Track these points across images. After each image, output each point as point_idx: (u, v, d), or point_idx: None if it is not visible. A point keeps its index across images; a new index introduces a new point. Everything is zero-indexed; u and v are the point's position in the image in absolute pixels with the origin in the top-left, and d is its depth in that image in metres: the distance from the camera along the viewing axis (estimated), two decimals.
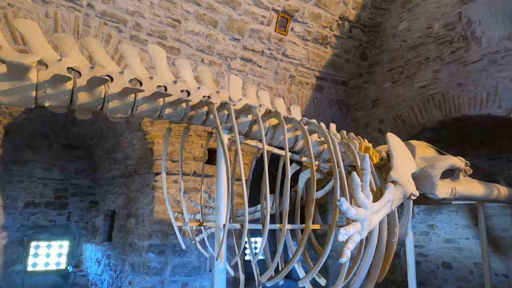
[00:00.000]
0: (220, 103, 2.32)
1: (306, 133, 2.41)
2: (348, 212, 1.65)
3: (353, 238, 1.80)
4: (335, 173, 2.36)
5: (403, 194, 2.49)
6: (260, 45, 5.07)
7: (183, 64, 2.50)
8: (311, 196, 2.25)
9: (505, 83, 4.24)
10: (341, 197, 1.81)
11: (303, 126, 2.46)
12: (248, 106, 2.39)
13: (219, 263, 2.34)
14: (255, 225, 2.28)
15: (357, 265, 2.46)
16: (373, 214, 2.10)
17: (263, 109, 2.57)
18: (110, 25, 4.03)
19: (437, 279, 6.12)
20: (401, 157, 2.82)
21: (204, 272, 4.63)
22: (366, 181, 1.88)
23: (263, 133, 2.24)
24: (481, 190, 3.49)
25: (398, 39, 5.68)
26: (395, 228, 2.69)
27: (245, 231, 2.06)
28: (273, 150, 2.78)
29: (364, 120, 6.12)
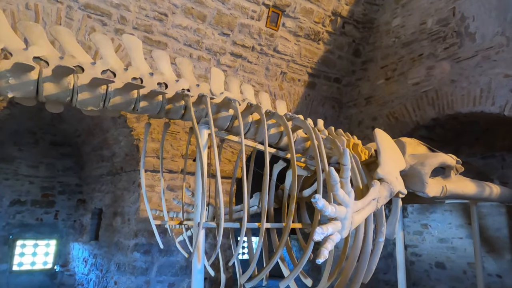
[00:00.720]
0: (197, 96, 2.22)
1: (288, 127, 2.32)
2: (325, 210, 1.55)
3: (332, 238, 1.71)
4: (318, 170, 2.26)
5: (389, 192, 2.40)
6: (251, 40, 4.97)
7: (161, 56, 2.40)
8: (292, 193, 2.15)
9: (498, 79, 4.16)
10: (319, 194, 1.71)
11: (285, 121, 2.36)
12: (228, 100, 2.29)
13: (196, 263, 2.24)
14: (232, 224, 2.18)
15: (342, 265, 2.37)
16: (356, 213, 2.00)
17: (245, 103, 2.47)
18: (94, 18, 3.91)
19: (431, 279, 6.04)
20: (389, 154, 2.73)
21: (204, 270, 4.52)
22: (347, 178, 1.78)
23: (242, 128, 2.14)
24: (472, 188, 3.41)
25: (392, 35, 5.58)
26: (382, 227, 2.60)
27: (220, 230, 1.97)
28: (257, 146, 2.68)
29: (357, 117, 6.03)
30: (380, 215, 2.62)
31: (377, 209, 2.30)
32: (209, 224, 2.06)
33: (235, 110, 2.22)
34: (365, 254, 2.47)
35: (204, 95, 2.15)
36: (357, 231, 2.40)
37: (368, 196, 2.15)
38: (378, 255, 2.58)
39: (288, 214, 2.09)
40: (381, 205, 2.34)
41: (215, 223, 2.07)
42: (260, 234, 2.03)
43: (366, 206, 2.17)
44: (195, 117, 2.38)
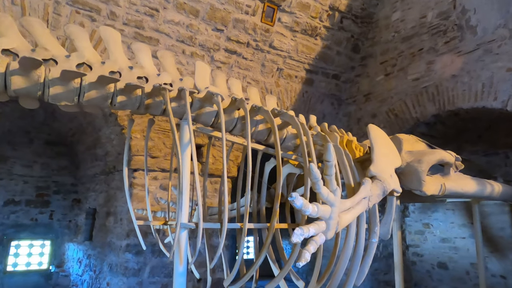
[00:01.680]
0: (177, 89, 2.12)
1: (273, 122, 2.21)
2: (305, 209, 1.44)
3: (316, 239, 1.60)
4: (305, 167, 2.15)
5: (382, 190, 2.27)
6: (245, 36, 4.86)
7: (141, 49, 2.30)
8: (277, 192, 2.04)
9: (501, 73, 4.01)
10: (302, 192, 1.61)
11: (270, 116, 2.25)
12: (210, 94, 2.18)
13: (178, 265, 2.14)
14: (212, 224, 2.08)
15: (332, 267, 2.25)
16: (344, 212, 1.88)
17: (229, 98, 2.36)
18: (82, 13, 3.83)
19: (433, 279, 5.89)
20: (383, 150, 2.61)
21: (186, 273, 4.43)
22: (331, 175, 1.67)
23: (223, 122, 2.03)
24: (473, 186, 3.27)
25: (391, 30, 5.44)
26: (375, 227, 2.48)
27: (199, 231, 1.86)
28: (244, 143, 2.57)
29: (356, 115, 5.90)
30: (374, 215, 2.50)
31: (368, 208, 2.18)
32: (187, 224, 1.96)
33: (217, 104, 2.11)
34: (357, 255, 2.35)
35: (183, 88, 2.04)
36: (348, 231, 2.28)
37: (358, 194, 2.04)
38: (371, 256, 2.46)
39: (273, 214, 1.98)
40: (373, 204, 2.22)
41: (193, 223, 1.97)
42: (242, 235, 1.92)
43: (356, 205, 2.05)
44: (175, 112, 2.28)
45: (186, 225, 1.97)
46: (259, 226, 2.10)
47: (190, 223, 2.00)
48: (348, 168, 2.41)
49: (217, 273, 4.66)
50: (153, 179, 4.37)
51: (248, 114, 2.12)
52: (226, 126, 2.51)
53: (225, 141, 2.20)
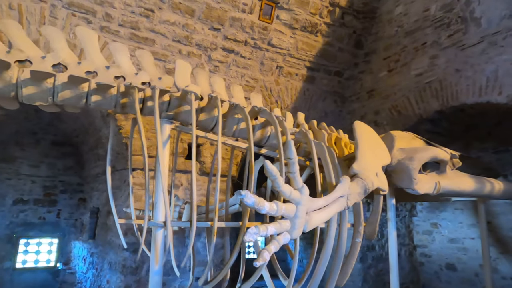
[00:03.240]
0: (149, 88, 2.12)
1: (248, 119, 2.18)
2: (259, 207, 1.40)
3: (279, 239, 1.55)
4: (281, 165, 2.11)
5: (363, 188, 2.20)
6: (243, 34, 4.83)
7: (118, 48, 2.30)
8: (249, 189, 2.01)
9: (506, 67, 3.83)
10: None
11: (245, 113, 2.22)
12: (184, 92, 2.17)
13: (153, 264, 2.14)
14: (182, 223, 2.06)
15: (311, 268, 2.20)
16: (316, 211, 1.83)
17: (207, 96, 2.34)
18: (78, 16, 3.89)
19: (441, 281, 5.71)
20: (369, 147, 2.53)
21: (184, 271, 4.46)
22: (294, 172, 1.62)
23: (194, 120, 2.01)
24: (470, 185, 3.13)
25: (394, 24, 5.30)
26: (359, 227, 2.41)
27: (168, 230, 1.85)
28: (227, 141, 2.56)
29: (359, 112, 5.78)
30: (358, 214, 2.43)
31: (347, 207, 2.12)
32: (155, 223, 1.95)
33: (189, 103, 2.10)
34: (339, 256, 2.29)
35: (154, 87, 2.04)
36: (328, 231, 2.22)
37: (333, 193, 1.98)
38: (355, 256, 2.39)
39: (243, 212, 1.95)
40: (353, 203, 2.16)
41: (162, 222, 1.96)
42: (212, 235, 1.90)
43: (332, 203, 1.99)
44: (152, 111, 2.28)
45: (154, 224, 1.96)
46: (230, 225, 2.07)
47: (160, 222, 2.00)
48: (330, 166, 2.35)
49: (215, 272, 4.66)
50: (151, 178, 4.41)
51: (220, 112, 2.10)
52: (206, 125, 2.50)
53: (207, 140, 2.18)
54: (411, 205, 6.19)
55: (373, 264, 5.56)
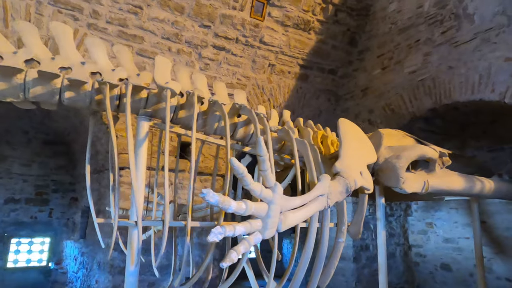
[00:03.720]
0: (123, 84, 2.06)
1: (225, 115, 2.13)
2: (224, 206, 1.35)
3: (250, 239, 1.50)
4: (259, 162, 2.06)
5: (345, 187, 2.14)
6: (234, 32, 4.78)
7: (95, 44, 2.25)
8: (224, 188, 1.96)
9: (498, 64, 3.77)
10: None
11: (223, 109, 2.17)
12: (161, 88, 2.12)
13: (129, 264, 2.09)
14: (154, 222, 2.01)
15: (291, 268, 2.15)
16: (292, 211, 1.78)
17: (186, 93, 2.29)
18: (64, 13, 3.85)
19: (436, 281, 5.65)
20: (354, 145, 2.47)
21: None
22: (265, 170, 1.56)
23: (168, 117, 1.96)
24: (460, 183, 3.07)
25: (388, 21, 5.24)
26: (342, 227, 2.35)
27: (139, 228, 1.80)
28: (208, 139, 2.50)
29: (354, 110, 5.72)
30: (341, 213, 2.38)
31: (328, 206, 2.06)
32: (126, 222, 1.90)
33: (164, 99, 2.05)
34: (320, 256, 2.24)
35: (126, 82, 1.99)
36: (309, 231, 2.17)
37: (311, 192, 1.92)
38: (337, 257, 2.34)
39: (219, 212, 1.90)
40: (334, 202, 2.10)
41: (133, 222, 1.91)
42: (187, 234, 1.85)
43: (311, 203, 1.94)
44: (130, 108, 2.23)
45: (124, 223, 1.91)
46: (205, 224, 2.02)
47: (131, 221, 1.95)
48: (312, 164, 2.30)
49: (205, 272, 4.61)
50: None
51: (197, 109, 2.05)
52: (187, 122, 2.45)
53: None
54: (406, 204, 6.13)
55: (367, 264, 5.50)
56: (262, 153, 1.52)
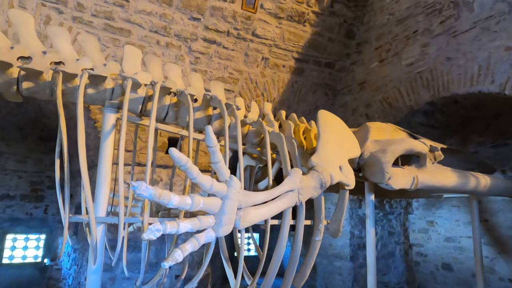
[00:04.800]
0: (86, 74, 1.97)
1: (191, 108, 2.01)
2: (164, 201, 1.23)
3: (201, 237, 1.39)
4: (225, 155, 1.94)
5: (319, 182, 2.01)
6: (225, 24, 4.66)
7: (58, 33, 2.16)
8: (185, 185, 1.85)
9: (498, 53, 3.57)
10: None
11: (189, 100, 2.05)
12: (122, 78, 2.02)
13: (90, 262, 2.01)
14: (110, 218, 1.92)
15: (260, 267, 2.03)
16: (255, 207, 1.66)
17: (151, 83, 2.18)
18: (48, 6, 3.78)
19: (437, 282, 5.45)
20: (333, 139, 2.33)
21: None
22: (216, 162, 1.44)
23: (125, 107, 1.86)
24: (452, 179, 2.90)
25: (386, 12, 5.04)
26: (319, 224, 2.22)
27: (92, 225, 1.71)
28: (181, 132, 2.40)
29: (351, 105, 5.55)
30: (318, 210, 2.25)
31: (299, 202, 1.93)
32: (80, 218, 1.81)
33: (124, 89, 1.95)
34: (294, 255, 2.11)
35: (85, 71, 1.89)
36: (281, 229, 2.04)
37: (279, 187, 1.80)
38: (314, 256, 2.21)
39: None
40: (307, 198, 1.97)
41: (87, 217, 1.82)
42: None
43: (279, 199, 1.81)
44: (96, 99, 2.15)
45: (77, 219, 1.82)
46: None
47: (84, 216, 1.86)
48: (287, 158, 2.17)
49: (194, 270, 4.53)
50: (128, 173, 4.29)
51: (157, 99, 1.94)
52: (157, 114, 2.35)
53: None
54: (406, 202, 5.94)
55: (364, 263, 5.34)
56: (211, 143, 1.40)
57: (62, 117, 1.77)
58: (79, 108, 1.77)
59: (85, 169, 1.75)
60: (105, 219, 1.84)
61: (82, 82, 1.82)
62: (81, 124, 1.76)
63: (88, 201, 1.72)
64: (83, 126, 1.78)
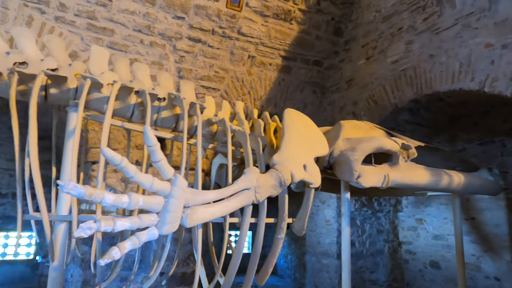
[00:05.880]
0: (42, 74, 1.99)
1: (149, 106, 2.03)
2: (96, 199, 1.25)
3: (142, 235, 1.41)
4: (183, 150, 1.96)
5: (278, 181, 2.02)
6: (209, 23, 4.67)
7: (22, 34, 2.19)
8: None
9: (479, 50, 3.54)
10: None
11: (147, 98, 2.07)
12: (83, 77, 2.04)
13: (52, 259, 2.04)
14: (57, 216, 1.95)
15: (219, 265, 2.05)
16: (205, 206, 1.68)
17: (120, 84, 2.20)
18: (31, 6, 3.82)
19: (425, 280, 5.45)
20: (297, 137, 2.34)
21: (147, 266, 4.38)
22: (157, 161, 1.46)
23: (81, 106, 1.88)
24: (425, 177, 2.89)
25: (373, 9, 5.02)
26: (282, 222, 2.24)
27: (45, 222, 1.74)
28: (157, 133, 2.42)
29: (339, 103, 5.54)
30: (281, 208, 2.26)
31: (257, 201, 1.95)
32: (32, 216, 1.85)
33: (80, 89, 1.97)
34: (255, 253, 2.13)
35: (41, 72, 1.92)
36: (241, 227, 2.06)
37: (233, 185, 1.82)
38: (276, 253, 2.22)
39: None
40: (265, 197, 1.99)
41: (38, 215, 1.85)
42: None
43: (233, 197, 1.83)
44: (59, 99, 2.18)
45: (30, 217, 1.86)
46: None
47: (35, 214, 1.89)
48: (249, 157, 2.19)
49: (181, 267, 4.57)
50: (113, 172, 4.33)
51: (113, 98, 1.96)
52: (122, 113, 2.38)
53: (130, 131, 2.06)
54: (396, 199, 5.92)
55: (352, 261, 5.34)
56: (150, 143, 1.42)
57: (14, 117, 1.80)
58: (32, 108, 1.79)
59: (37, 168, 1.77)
60: (56, 217, 1.87)
61: (36, 83, 1.85)
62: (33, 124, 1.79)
63: (40, 200, 1.75)
64: (36, 126, 1.81)
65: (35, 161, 1.75)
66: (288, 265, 6.85)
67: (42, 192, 1.73)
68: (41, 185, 1.76)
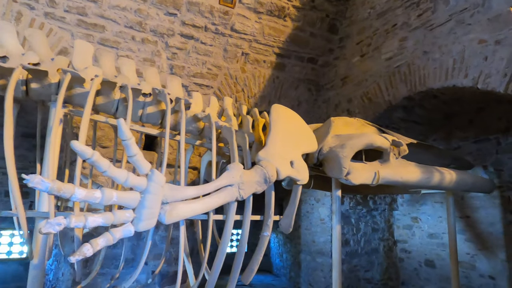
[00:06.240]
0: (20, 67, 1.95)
1: (130, 100, 1.99)
2: (66, 194, 1.21)
3: (117, 232, 1.37)
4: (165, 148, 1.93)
5: (263, 177, 1.99)
6: (202, 19, 4.62)
7: (3, 27, 2.15)
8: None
9: (472, 47, 3.50)
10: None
11: (130, 93, 2.03)
12: (63, 72, 2.00)
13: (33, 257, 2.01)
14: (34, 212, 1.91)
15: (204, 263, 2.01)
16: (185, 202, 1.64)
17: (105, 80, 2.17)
18: (20, 2, 3.77)
19: (420, 278, 5.42)
20: (284, 133, 2.30)
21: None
22: (132, 156, 1.42)
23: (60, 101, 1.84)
24: (415, 175, 2.86)
25: (367, 6, 4.98)
26: (268, 220, 2.20)
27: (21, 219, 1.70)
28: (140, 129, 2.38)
29: (334, 100, 5.50)
30: (268, 206, 2.22)
31: (240, 197, 1.91)
32: (9, 213, 1.81)
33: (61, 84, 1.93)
34: (240, 251, 2.09)
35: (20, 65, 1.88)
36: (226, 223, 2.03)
37: (215, 181, 1.78)
38: (262, 251, 2.19)
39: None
40: (249, 193, 1.95)
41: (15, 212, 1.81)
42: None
43: (216, 193, 1.79)
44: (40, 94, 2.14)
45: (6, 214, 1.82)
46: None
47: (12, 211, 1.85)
48: (235, 152, 2.15)
49: (173, 266, 4.54)
50: None
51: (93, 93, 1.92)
52: (107, 109, 2.34)
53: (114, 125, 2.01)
54: (391, 198, 5.89)
55: (346, 259, 5.32)
56: (124, 137, 1.38)
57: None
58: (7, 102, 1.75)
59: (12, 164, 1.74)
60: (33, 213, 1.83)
61: (13, 77, 1.81)
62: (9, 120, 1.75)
63: (16, 196, 1.71)
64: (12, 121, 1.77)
65: (10, 157, 1.72)
66: (283, 263, 6.82)
67: (18, 188, 1.69)
68: (17, 181, 1.72)
